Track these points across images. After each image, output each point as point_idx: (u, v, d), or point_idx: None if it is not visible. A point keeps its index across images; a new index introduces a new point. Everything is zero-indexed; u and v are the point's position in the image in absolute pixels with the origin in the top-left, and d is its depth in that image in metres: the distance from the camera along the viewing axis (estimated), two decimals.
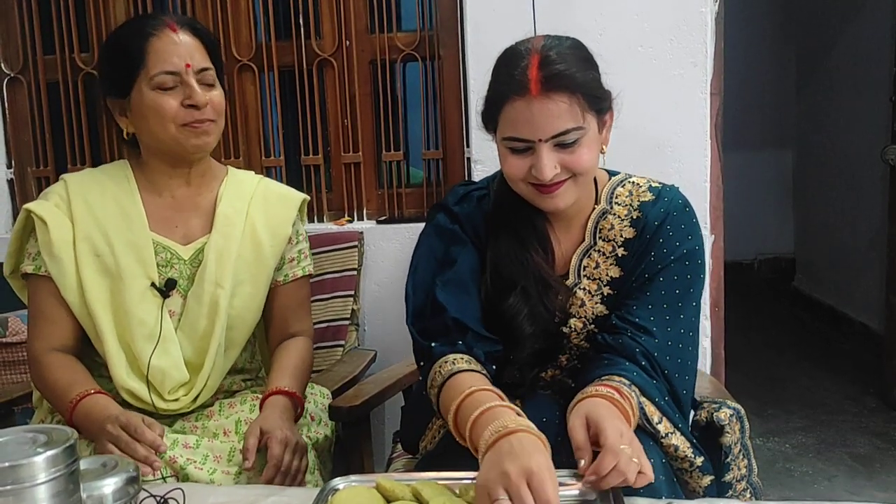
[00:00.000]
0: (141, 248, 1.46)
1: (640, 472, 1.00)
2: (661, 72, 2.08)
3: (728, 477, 1.26)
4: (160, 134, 1.42)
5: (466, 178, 2.26)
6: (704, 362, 2.14)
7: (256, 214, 1.55)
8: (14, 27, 2.40)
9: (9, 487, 0.79)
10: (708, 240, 2.11)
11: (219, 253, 1.49)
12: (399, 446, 1.56)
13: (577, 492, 1.02)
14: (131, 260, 1.45)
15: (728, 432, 1.26)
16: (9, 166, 2.46)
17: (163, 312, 1.45)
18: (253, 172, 1.67)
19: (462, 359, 1.22)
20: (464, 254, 1.33)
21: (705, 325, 2.15)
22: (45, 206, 1.46)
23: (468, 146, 2.26)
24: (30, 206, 1.46)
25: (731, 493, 1.26)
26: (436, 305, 1.29)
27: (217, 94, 1.45)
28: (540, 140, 1.18)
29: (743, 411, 1.30)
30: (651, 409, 1.18)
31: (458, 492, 1.03)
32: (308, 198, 1.67)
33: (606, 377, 1.18)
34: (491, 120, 1.25)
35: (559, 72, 1.17)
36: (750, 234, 5.29)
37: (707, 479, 1.22)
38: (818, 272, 4.70)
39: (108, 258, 1.45)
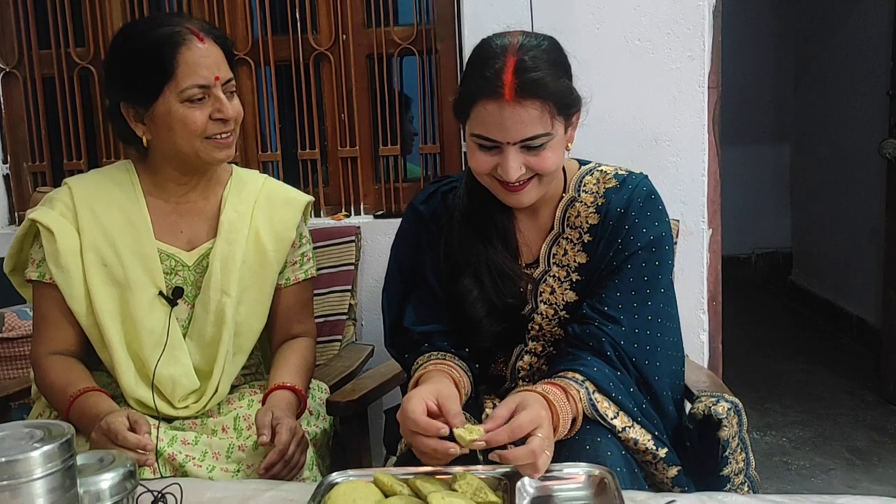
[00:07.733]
0: (147, 257, 1.45)
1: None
2: (659, 65, 2.07)
3: (726, 471, 1.26)
4: (184, 147, 1.40)
5: None
6: (702, 356, 2.14)
7: (260, 218, 1.54)
8: (9, 21, 2.39)
9: (5, 482, 0.79)
10: (705, 234, 2.11)
11: (224, 260, 1.48)
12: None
13: (577, 485, 1.03)
14: (138, 269, 1.44)
15: (726, 426, 1.26)
16: (4, 161, 2.45)
17: (170, 320, 1.45)
18: (257, 172, 1.66)
19: (424, 356, 1.34)
20: (430, 262, 1.40)
21: (702, 319, 2.15)
22: (50, 216, 1.43)
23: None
24: (34, 215, 1.43)
25: (728, 486, 1.27)
26: (403, 327, 1.41)
27: (238, 104, 1.44)
28: (508, 143, 1.21)
29: (740, 405, 1.30)
30: (605, 406, 1.20)
31: (455, 476, 1.03)
32: (312, 199, 1.65)
33: (561, 373, 1.22)
34: (462, 113, 1.28)
35: (533, 80, 1.18)
36: (747, 228, 5.30)
37: (674, 470, 1.24)
38: (815, 266, 4.71)
39: (115, 268, 1.43)
